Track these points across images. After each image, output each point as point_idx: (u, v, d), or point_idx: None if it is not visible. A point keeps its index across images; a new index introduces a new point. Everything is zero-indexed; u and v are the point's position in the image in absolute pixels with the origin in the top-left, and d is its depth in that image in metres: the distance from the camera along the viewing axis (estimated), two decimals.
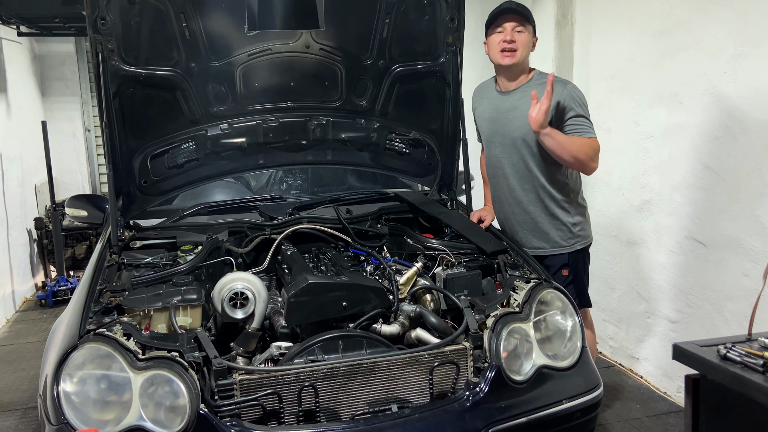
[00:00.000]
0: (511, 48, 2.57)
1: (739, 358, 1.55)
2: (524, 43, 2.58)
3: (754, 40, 2.72)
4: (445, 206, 3.00)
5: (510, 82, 2.69)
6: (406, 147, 3.01)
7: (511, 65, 2.60)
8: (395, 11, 2.65)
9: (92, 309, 1.93)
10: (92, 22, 2.32)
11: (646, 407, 3.30)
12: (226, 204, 3.01)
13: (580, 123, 2.53)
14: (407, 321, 2.15)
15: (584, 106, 2.56)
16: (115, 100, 2.49)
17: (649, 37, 3.36)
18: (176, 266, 2.25)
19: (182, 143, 2.71)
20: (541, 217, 2.69)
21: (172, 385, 1.71)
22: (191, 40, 2.49)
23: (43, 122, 5.43)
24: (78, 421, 1.66)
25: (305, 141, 2.88)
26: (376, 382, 1.89)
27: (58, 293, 5.38)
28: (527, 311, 2.12)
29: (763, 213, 2.73)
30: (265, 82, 2.71)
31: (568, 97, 2.53)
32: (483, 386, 1.92)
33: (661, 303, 3.42)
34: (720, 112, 2.92)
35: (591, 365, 2.21)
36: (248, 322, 2.06)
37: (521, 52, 2.58)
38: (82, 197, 3.34)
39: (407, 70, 2.81)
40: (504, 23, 2.58)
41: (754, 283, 2.79)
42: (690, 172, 3.13)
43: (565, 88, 2.56)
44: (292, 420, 1.80)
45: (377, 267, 2.42)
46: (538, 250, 2.72)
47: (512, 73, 2.65)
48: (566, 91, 2.54)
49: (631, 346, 3.69)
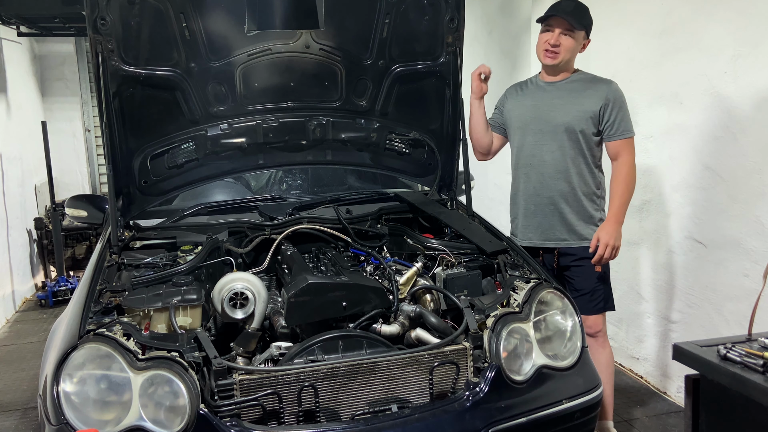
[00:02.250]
0: (554, 51, 2.61)
1: (739, 358, 1.55)
2: (568, 47, 2.62)
3: (754, 40, 2.72)
4: (445, 206, 3.00)
5: (554, 76, 2.73)
6: (406, 147, 3.01)
7: (552, 65, 2.66)
8: (395, 11, 2.65)
9: (92, 309, 1.92)
10: (92, 22, 2.32)
11: (646, 407, 3.30)
12: (226, 204, 3.01)
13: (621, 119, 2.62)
14: (407, 321, 2.15)
15: (625, 104, 2.65)
16: (115, 100, 2.49)
17: (649, 37, 3.36)
18: (176, 266, 2.25)
19: (182, 143, 2.71)
20: (571, 209, 2.69)
21: (172, 385, 1.71)
22: (191, 40, 2.49)
23: (43, 122, 5.43)
24: (78, 421, 1.66)
25: (305, 141, 2.88)
26: (376, 382, 1.89)
27: (58, 293, 5.38)
28: (527, 311, 2.11)
29: (763, 213, 2.73)
30: (265, 82, 2.71)
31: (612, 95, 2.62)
32: (483, 386, 1.92)
33: (661, 303, 3.42)
34: (720, 112, 2.92)
35: (591, 365, 2.20)
36: (248, 322, 2.06)
37: (563, 56, 2.62)
38: (82, 197, 3.34)
39: (407, 70, 2.81)
40: (554, 24, 2.61)
41: (754, 283, 2.79)
42: (690, 172, 3.13)
43: (609, 86, 2.64)
44: (292, 420, 1.80)
45: (377, 267, 2.42)
46: (564, 242, 2.72)
47: (554, 70, 2.70)
48: (609, 89, 2.63)
49: (631, 346, 3.69)
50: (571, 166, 2.67)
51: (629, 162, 2.64)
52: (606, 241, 2.57)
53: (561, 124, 2.65)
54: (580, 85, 2.68)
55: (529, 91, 2.80)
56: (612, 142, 2.65)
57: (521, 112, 2.78)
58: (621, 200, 2.62)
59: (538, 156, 2.72)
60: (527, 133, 2.75)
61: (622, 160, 2.64)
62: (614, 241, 2.58)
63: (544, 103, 2.71)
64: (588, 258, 2.68)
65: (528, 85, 2.83)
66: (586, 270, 2.69)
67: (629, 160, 2.64)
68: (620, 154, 2.64)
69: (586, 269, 2.69)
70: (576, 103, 2.65)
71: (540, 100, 2.72)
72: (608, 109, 2.61)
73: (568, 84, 2.70)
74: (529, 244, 2.76)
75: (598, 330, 2.75)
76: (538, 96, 2.74)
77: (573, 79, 2.71)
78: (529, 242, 2.77)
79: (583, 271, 2.71)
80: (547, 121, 2.68)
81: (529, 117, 2.74)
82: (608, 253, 2.57)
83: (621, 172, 2.64)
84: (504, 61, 4.96)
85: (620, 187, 2.63)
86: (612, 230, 2.59)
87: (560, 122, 2.65)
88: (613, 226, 2.60)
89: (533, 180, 2.74)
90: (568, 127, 2.64)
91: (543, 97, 2.72)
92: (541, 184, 2.72)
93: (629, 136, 2.63)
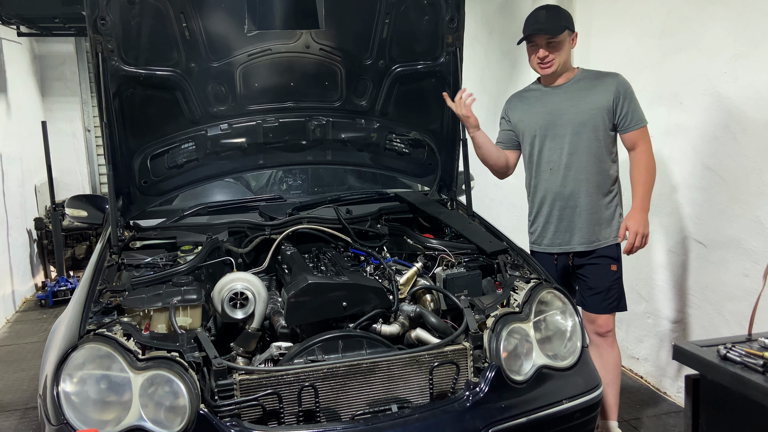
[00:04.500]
0: (547, 63, 2.61)
1: (739, 358, 1.55)
2: (559, 53, 2.61)
3: (754, 40, 2.72)
4: (445, 206, 3.00)
5: (556, 80, 2.71)
6: (406, 147, 3.01)
7: (551, 74, 2.65)
8: (395, 11, 2.65)
9: (92, 309, 1.92)
10: (92, 22, 2.32)
11: (646, 407, 3.30)
12: (226, 204, 3.01)
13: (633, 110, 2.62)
14: (407, 321, 2.15)
15: (634, 94, 2.65)
16: (115, 101, 2.49)
17: (649, 37, 3.36)
18: (176, 266, 2.25)
19: (182, 143, 2.71)
20: (592, 209, 2.68)
21: (172, 385, 1.71)
22: (191, 40, 2.49)
23: (43, 122, 5.43)
24: (78, 421, 1.66)
25: (305, 141, 2.88)
26: (376, 382, 1.89)
27: (58, 293, 5.38)
28: (527, 311, 2.11)
29: (763, 213, 2.73)
30: (265, 82, 2.71)
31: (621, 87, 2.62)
32: (483, 386, 1.92)
33: (661, 303, 3.42)
34: (720, 112, 2.92)
35: (591, 365, 2.20)
36: (248, 322, 2.06)
37: (558, 61, 2.62)
38: (82, 197, 3.34)
39: (407, 70, 2.81)
40: (536, 40, 2.61)
41: (754, 283, 2.79)
42: (690, 172, 3.13)
43: (616, 79, 2.64)
44: (292, 420, 1.80)
45: (377, 267, 2.42)
46: (588, 244, 2.69)
47: (555, 76, 2.69)
48: (618, 82, 2.62)
49: (631, 346, 3.69)
50: (592, 165, 2.65)
51: (647, 150, 2.63)
52: (635, 229, 2.55)
53: (577, 124, 2.63)
54: (587, 83, 2.67)
55: (535, 98, 2.76)
56: (628, 133, 2.64)
57: (533, 120, 2.73)
58: (645, 188, 2.61)
59: (556, 161, 2.68)
60: (542, 139, 2.70)
61: (641, 149, 2.63)
62: (643, 228, 2.56)
63: (555, 107, 2.68)
64: (604, 257, 2.67)
65: (531, 93, 2.80)
66: (602, 269, 2.69)
67: (647, 149, 2.63)
68: (637, 143, 2.63)
69: (601, 268, 2.69)
70: (587, 101, 2.63)
71: (550, 105, 2.69)
72: (620, 101, 2.61)
73: (574, 84, 2.69)
74: (559, 251, 2.73)
75: (609, 330, 2.73)
76: (547, 101, 2.71)
77: (578, 78, 2.69)
78: (558, 248, 2.73)
79: (598, 269, 2.70)
80: (561, 125, 2.66)
81: (542, 123, 2.70)
82: (639, 241, 2.56)
83: (641, 160, 2.63)
84: (504, 61, 4.96)
85: (642, 175, 2.62)
86: (640, 218, 2.57)
87: (575, 122, 2.63)
88: (640, 214, 2.58)
89: (555, 185, 2.70)
90: (584, 126, 2.62)
91: (552, 101, 2.69)
92: (564, 188, 2.68)
93: (643, 125, 2.63)
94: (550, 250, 2.74)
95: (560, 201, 2.71)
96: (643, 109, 2.64)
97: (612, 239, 2.70)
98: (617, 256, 2.71)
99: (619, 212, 2.75)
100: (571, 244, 2.72)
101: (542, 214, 2.78)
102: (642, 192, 2.61)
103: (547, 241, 2.77)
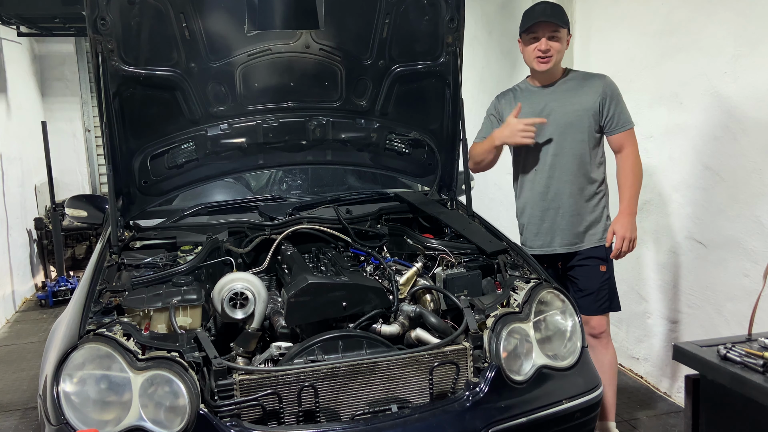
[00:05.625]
0: (546, 57, 2.61)
1: (739, 358, 1.55)
2: (558, 49, 2.61)
3: (754, 40, 2.72)
4: (445, 206, 3.00)
5: (546, 80, 2.71)
6: (406, 147, 3.01)
7: (547, 70, 2.64)
8: (395, 11, 2.65)
9: (92, 309, 1.92)
10: (92, 22, 2.32)
11: (646, 407, 3.30)
12: (226, 204, 3.01)
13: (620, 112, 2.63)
14: (407, 321, 2.15)
15: (621, 96, 2.66)
16: (115, 101, 2.49)
17: (649, 37, 3.36)
18: (176, 266, 2.25)
19: (182, 143, 2.71)
20: (578, 210, 2.68)
21: (171, 385, 1.71)
22: (191, 40, 2.49)
23: (43, 122, 5.43)
24: (78, 421, 1.66)
25: (305, 141, 2.88)
26: (376, 382, 1.89)
27: (58, 293, 5.38)
28: (527, 311, 2.11)
29: (763, 213, 2.73)
30: (265, 82, 2.71)
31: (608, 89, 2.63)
32: (483, 386, 1.92)
33: (661, 303, 3.42)
34: (720, 112, 2.92)
35: (591, 365, 2.20)
36: (248, 322, 2.06)
37: (556, 58, 2.62)
38: (82, 197, 3.34)
39: (407, 70, 2.81)
40: (538, 31, 2.60)
41: (754, 283, 2.79)
42: (690, 172, 3.13)
43: (603, 81, 2.65)
44: (292, 420, 1.80)
45: (377, 267, 2.42)
46: (574, 246, 2.70)
47: (546, 75, 2.69)
48: (604, 84, 2.63)
49: (631, 346, 3.69)
50: (576, 167, 2.66)
51: (633, 153, 2.64)
52: (623, 234, 2.56)
53: (563, 125, 2.64)
54: (575, 84, 2.68)
55: (524, 97, 2.76)
56: (614, 135, 2.65)
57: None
58: (631, 191, 2.62)
59: (541, 161, 2.70)
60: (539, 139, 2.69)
61: (627, 152, 2.64)
62: (630, 233, 2.57)
63: (542, 108, 2.69)
64: (592, 257, 2.67)
65: (520, 92, 2.80)
66: (590, 270, 2.69)
67: (633, 151, 2.64)
68: (624, 146, 2.64)
69: (590, 269, 2.69)
70: (574, 103, 2.64)
71: (537, 106, 2.70)
72: (606, 103, 2.62)
73: (562, 85, 2.69)
74: (540, 252, 2.73)
75: (602, 331, 2.73)
76: (535, 101, 2.71)
77: (566, 79, 2.70)
78: (540, 250, 2.74)
79: (587, 270, 2.70)
80: (555, 125, 2.66)
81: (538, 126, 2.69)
82: (626, 245, 2.57)
83: (627, 163, 2.64)
84: (504, 61, 4.96)
85: (629, 179, 2.63)
86: (627, 222, 2.58)
87: (561, 123, 2.64)
88: (627, 218, 2.59)
89: (539, 186, 2.72)
90: (570, 128, 2.64)
91: (539, 102, 2.70)
92: (547, 189, 2.70)
93: (630, 128, 2.64)
94: (532, 252, 2.73)
95: (543, 202, 2.72)
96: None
97: (598, 240, 2.70)
98: (606, 256, 2.71)
99: (606, 214, 2.75)
100: (552, 245, 2.73)
101: (525, 215, 2.80)
102: (628, 196, 2.61)
103: (529, 243, 2.79)
